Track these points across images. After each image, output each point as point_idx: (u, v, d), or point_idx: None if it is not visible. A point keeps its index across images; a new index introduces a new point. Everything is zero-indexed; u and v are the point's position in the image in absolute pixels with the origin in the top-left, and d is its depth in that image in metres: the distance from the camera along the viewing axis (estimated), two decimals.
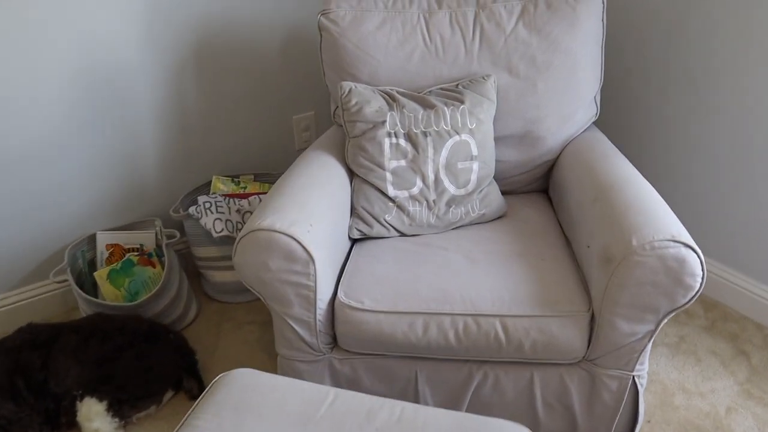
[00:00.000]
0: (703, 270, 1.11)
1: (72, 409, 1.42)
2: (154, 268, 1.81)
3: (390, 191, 1.45)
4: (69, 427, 1.44)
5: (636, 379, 1.26)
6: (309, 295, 1.23)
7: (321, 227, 1.26)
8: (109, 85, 1.78)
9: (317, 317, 1.26)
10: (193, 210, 1.79)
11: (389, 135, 1.44)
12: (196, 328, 1.85)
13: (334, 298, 1.29)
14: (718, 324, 1.80)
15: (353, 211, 1.47)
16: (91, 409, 1.41)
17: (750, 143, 1.67)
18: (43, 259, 1.86)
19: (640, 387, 1.27)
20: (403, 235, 1.48)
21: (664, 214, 1.18)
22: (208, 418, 0.96)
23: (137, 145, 1.90)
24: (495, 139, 1.54)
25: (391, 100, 1.48)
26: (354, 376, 1.34)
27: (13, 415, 1.38)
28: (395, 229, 1.47)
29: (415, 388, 1.33)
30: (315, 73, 2.18)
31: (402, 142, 1.45)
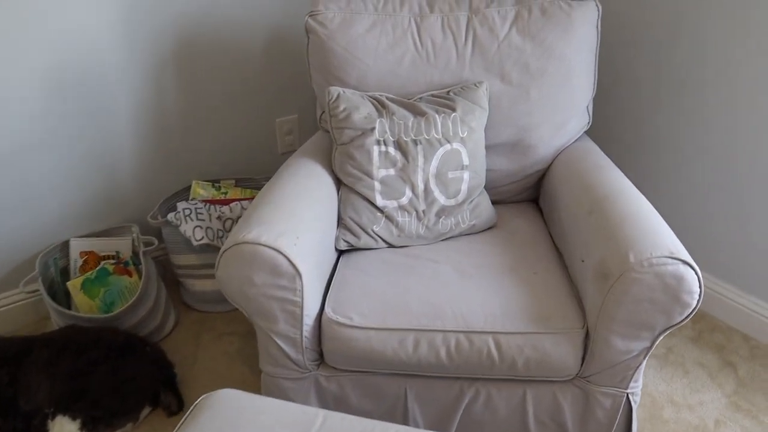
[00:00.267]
0: (700, 287, 1.09)
1: (43, 429, 1.36)
2: (131, 277, 1.74)
3: (378, 201, 1.41)
4: None
5: (630, 396, 1.23)
6: (295, 311, 1.18)
7: (308, 239, 1.21)
8: (82, 84, 1.70)
9: (304, 334, 1.21)
10: (172, 217, 1.72)
11: (378, 143, 1.40)
12: (174, 340, 1.78)
13: (321, 313, 1.24)
14: (705, 335, 1.79)
15: (340, 221, 1.43)
16: (63, 428, 1.35)
17: (740, 154, 1.67)
18: (12, 267, 1.78)
19: (633, 404, 1.25)
20: (391, 246, 1.44)
21: (661, 229, 1.16)
22: None
23: (113, 147, 1.83)
24: (486, 148, 1.51)
25: (380, 106, 1.43)
26: (341, 394, 1.29)
27: None
28: (383, 240, 1.42)
29: (405, 406, 1.29)
30: (299, 75, 2.12)
31: (391, 151, 1.40)
